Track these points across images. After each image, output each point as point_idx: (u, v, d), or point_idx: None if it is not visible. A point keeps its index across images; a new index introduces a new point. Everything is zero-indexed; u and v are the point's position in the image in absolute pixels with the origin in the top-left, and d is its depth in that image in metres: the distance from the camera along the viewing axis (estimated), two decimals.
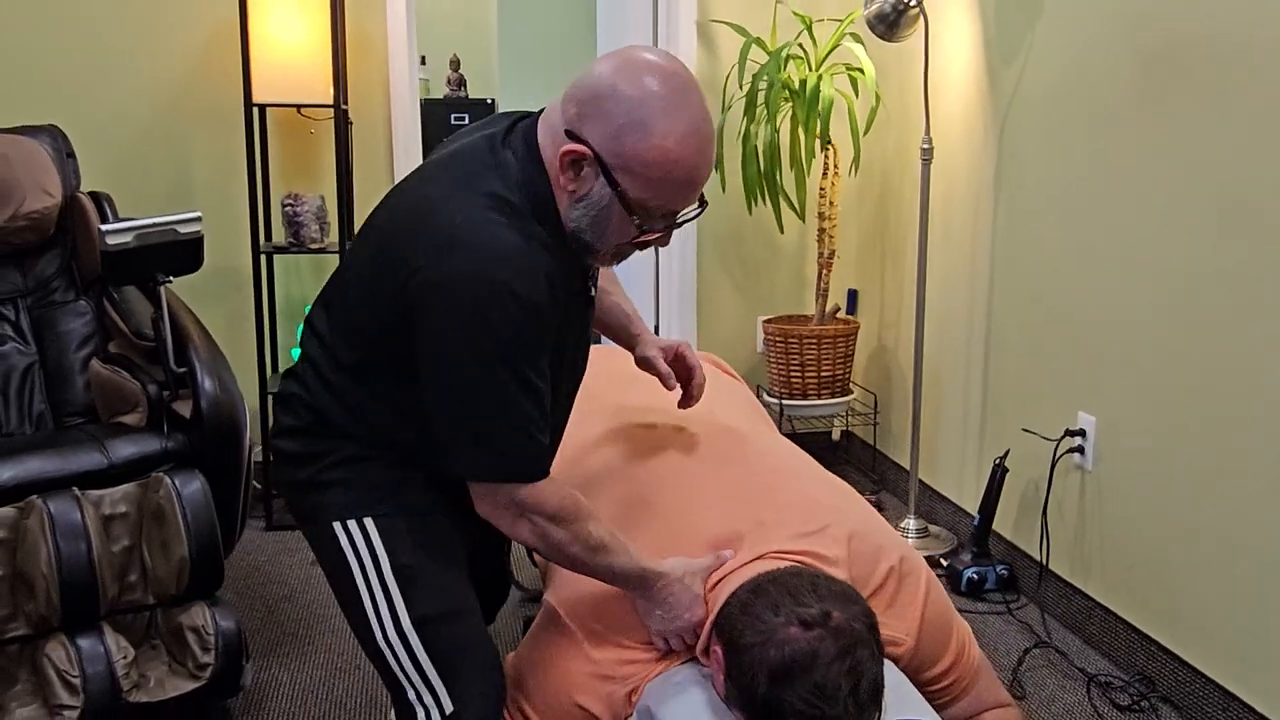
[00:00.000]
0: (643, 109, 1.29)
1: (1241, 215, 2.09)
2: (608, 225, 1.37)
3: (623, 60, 1.32)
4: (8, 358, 2.67)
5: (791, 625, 1.30)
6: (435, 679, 1.45)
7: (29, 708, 2.07)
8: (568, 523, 1.41)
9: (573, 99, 1.34)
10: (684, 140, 1.30)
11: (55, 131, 2.88)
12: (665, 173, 1.31)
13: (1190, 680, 2.27)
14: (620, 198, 1.33)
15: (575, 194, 1.35)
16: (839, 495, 1.72)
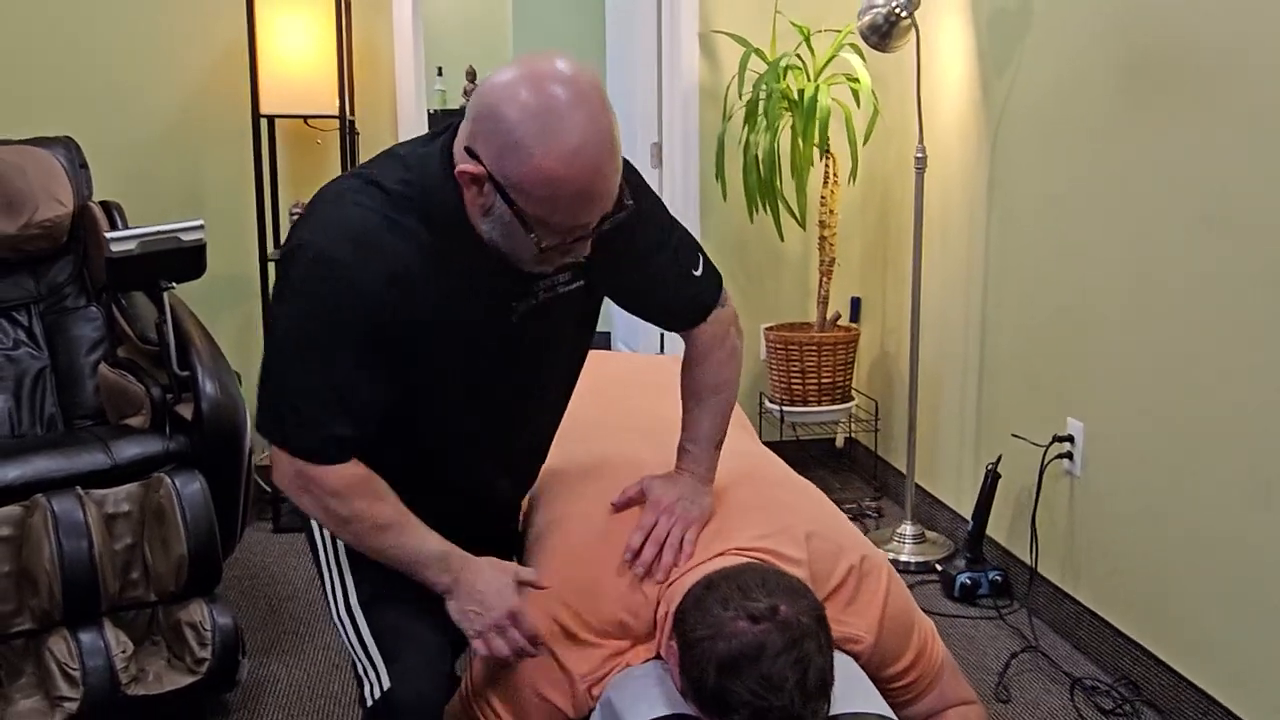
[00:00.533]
0: (520, 129, 1.26)
1: (1225, 220, 2.11)
2: (514, 238, 1.34)
3: (511, 75, 1.29)
4: (20, 361, 2.75)
5: (740, 619, 1.34)
6: (377, 656, 1.51)
7: (32, 699, 2.14)
8: (350, 499, 1.43)
9: (470, 114, 1.32)
10: (565, 159, 1.26)
11: (69, 143, 2.97)
12: (551, 192, 1.28)
13: (1173, 685, 2.28)
14: (518, 215, 1.31)
15: (482, 207, 1.34)
16: (801, 495, 1.75)
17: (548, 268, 1.41)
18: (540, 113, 1.25)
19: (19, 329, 2.79)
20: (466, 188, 1.33)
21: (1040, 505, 2.72)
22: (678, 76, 3.74)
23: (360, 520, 1.45)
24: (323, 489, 1.42)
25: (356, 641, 1.55)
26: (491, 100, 1.28)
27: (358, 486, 1.44)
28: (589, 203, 1.30)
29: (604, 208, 1.33)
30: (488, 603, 1.47)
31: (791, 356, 3.57)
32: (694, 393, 1.67)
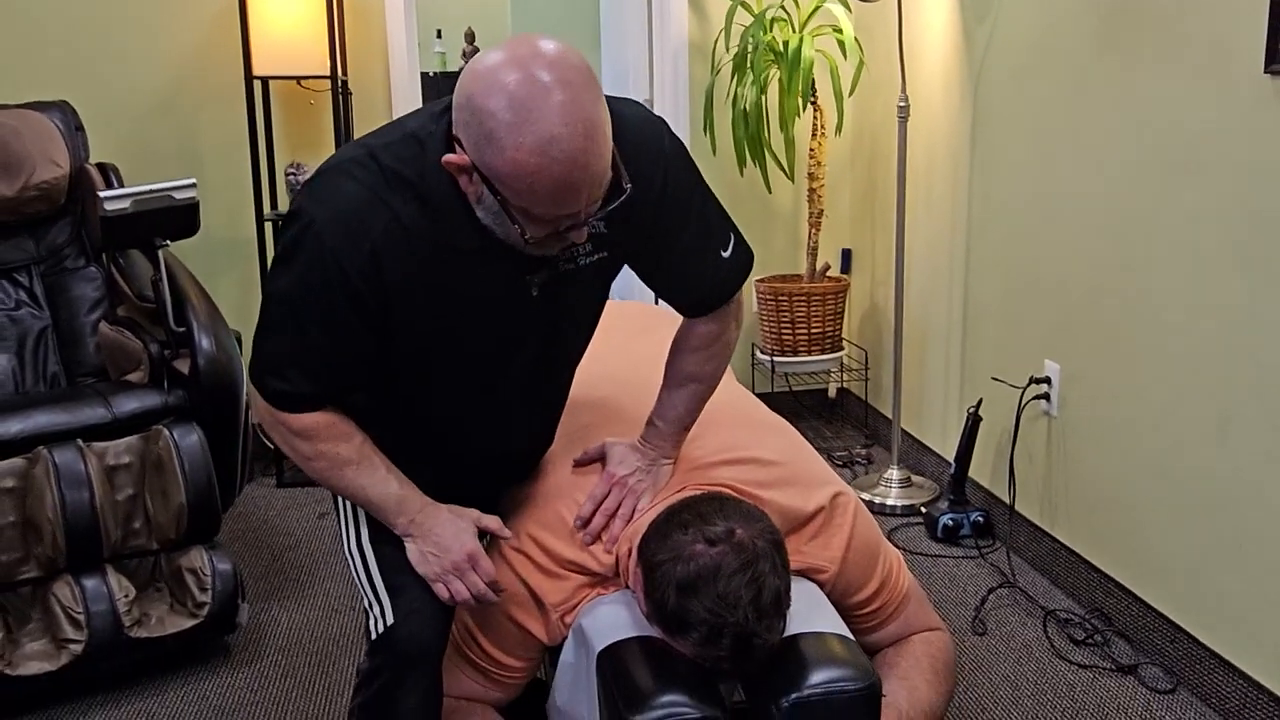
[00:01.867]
0: (493, 120, 1.23)
1: (1193, 164, 2.15)
2: (506, 227, 1.33)
3: (491, 61, 1.26)
4: (22, 321, 2.83)
5: (698, 542, 1.40)
6: (383, 593, 1.57)
7: (39, 642, 2.23)
8: (312, 439, 1.48)
9: (455, 100, 1.31)
10: (537, 151, 1.22)
11: (65, 107, 3.03)
12: (527, 185, 1.25)
13: (1142, 615, 2.34)
14: (503, 206, 1.30)
15: (474, 195, 1.33)
16: (776, 430, 1.81)
17: (549, 251, 1.38)
18: (514, 103, 1.22)
19: (20, 290, 2.87)
20: (457, 175, 1.32)
21: (1018, 446, 2.78)
22: (667, 30, 3.76)
23: (322, 458, 1.50)
24: (289, 428, 1.49)
25: (365, 577, 1.60)
26: (470, 89, 1.26)
27: (323, 429, 1.49)
28: (569, 193, 1.26)
29: (591, 196, 1.29)
30: (445, 544, 1.52)
31: (782, 307, 3.62)
32: (676, 376, 1.68)
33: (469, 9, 6.54)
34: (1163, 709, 2.17)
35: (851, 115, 3.76)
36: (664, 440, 1.67)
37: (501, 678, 1.66)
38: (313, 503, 3.33)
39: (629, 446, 1.68)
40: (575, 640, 1.58)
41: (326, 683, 2.32)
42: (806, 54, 3.29)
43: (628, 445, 1.68)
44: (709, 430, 1.72)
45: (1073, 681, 2.27)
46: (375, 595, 1.57)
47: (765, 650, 1.41)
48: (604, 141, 1.27)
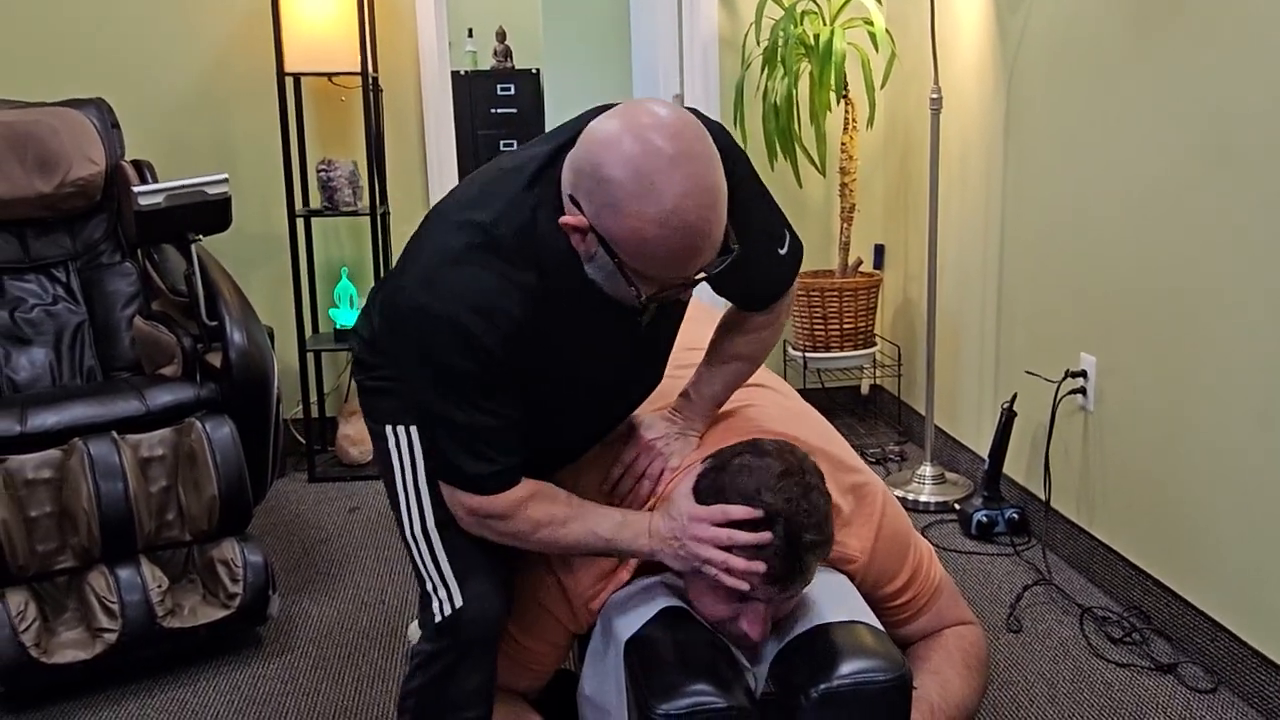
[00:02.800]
0: (618, 189, 1.26)
1: (1232, 150, 2.10)
2: (617, 286, 1.36)
3: (613, 126, 1.29)
4: (59, 316, 2.86)
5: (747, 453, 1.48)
6: (450, 576, 1.59)
7: (75, 631, 2.25)
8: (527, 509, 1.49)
9: (572, 165, 1.34)
10: (661, 222, 1.25)
11: (101, 104, 3.06)
12: (647, 252, 1.28)
13: (1183, 613, 2.30)
14: (619, 267, 1.32)
15: (586, 254, 1.36)
16: (808, 417, 1.80)
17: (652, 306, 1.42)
18: (637, 173, 1.25)
19: (57, 285, 2.90)
20: (570, 234, 1.34)
21: (1054, 441, 2.74)
22: (697, 24, 3.75)
23: (543, 526, 1.50)
24: (494, 514, 1.49)
25: (430, 561, 1.61)
26: (593, 156, 1.29)
27: (527, 496, 1.50)
28: (688, 259, 1.30)
29: (705, 260, 1.32)
30: (673, 531, 1.49)
31: (814, 303, 3.59)
32: (722, 354, 1.70)
33: (501, 8, 6.56)
34: (1203, 708, 2.12)
35: (883, 108, 3.73)
36: (695, 413, 1.69)
37: (531, 665, 1.66)
38: (343, 498, 3.35)
39: (658, 415, 1.69)
40: (603, 629, 1.57)
41: (356, 674, 2.32)
42: (838, 47, 3.26)
43: (656, 415, 1.70)
44: (745, 409, 1.73)
45: (1110, 680, 2.23)
46: (442, 579, 1.59)
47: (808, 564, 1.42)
48: (722, 209, 1.30)
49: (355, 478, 3.50)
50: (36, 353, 2.81)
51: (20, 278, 2.88)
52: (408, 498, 1.64)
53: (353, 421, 3.59)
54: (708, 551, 1.43)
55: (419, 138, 3.66)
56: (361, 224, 3.67)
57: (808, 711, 1.35)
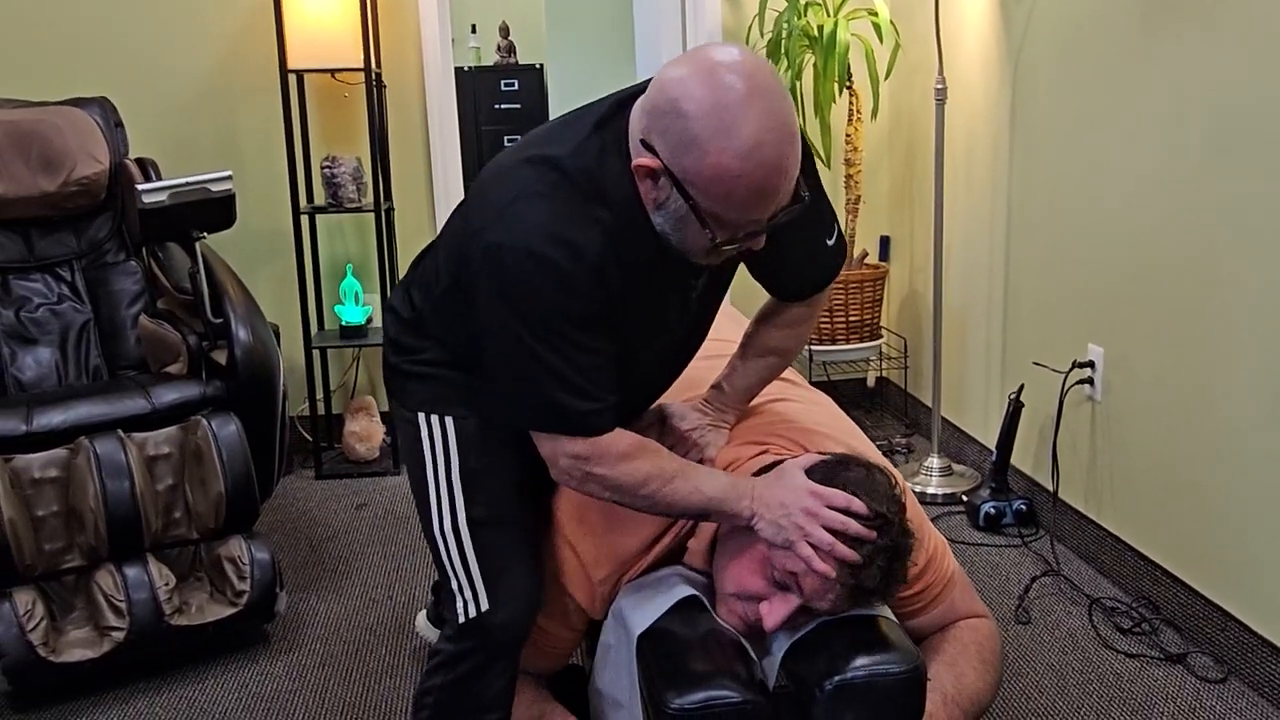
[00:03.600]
0: (698, 125, 1.25)
1: (1237, 141, 2.09)
2: (687, 232, 1.34)
3: (687, 68, 1.27)
4: (64, 315, 2.86)
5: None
6: (478, 577, 1.56)
7: (82, 630, 2.25)
8: (633, 460, 1.42)
9: (643, 107, 1.32)
10: (744, 156, 1.24)
11: (105, 103, 3.06)
12: (728, 189, 1.26)
13: (1192, 603, 2.29)
14: (694, 210, 1.30)
15: (655, 201, 1.34)
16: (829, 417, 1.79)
17: (716, 260, 1.40)
18: (718, 108, 1.24)
19: (62, 284, 2.90)
20: (641, 180, 1.32)
21: (1062, 432, 2.73)
22: (701, 17, 3.74)
23: (652, 479, 1.43)
24: (605, 462, 1.41)
25: (459, 559, 1.57)
26: (669, 95, 1.27)
27: (639, 446, 1.44)
28: (766, 198, 1.28)
29: (781, 202, 1.30)
30: (785, 499, 1.43)
31: None
32: (758, 347, 1.68)
33: (504, 3, 6.55)
34: (1213, 698, 2.12)
35: (888, 99, 3.72)
36: (726, 406, 1.68)
37: (546, 648, 1.65)
38: (350, 495, 3.35)
39: (690, 406, 1.67)
40: (615, 622, 1.56)
41: (364, 671, 2.32)
42: (842, 38, 3.25)
43: (688, 405, 1.67)
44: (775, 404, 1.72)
45: (1120, 671, 2.22)
46: (469, 579, 1.56)
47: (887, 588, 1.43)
48: (798, 149, 1.29)
49: (362, 474, 3.50)
50: (42, 352, 2.81)
51: (25, 277, 2.87)
52: (438, 491, 1.59)
53: (359, 418, 3.58)
54: (815, 528, 1.39)
55: (423, 134, 3.65)
56: (366, 220, 3.66)
57: (821, 704, 1.35)
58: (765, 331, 1.69)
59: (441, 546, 1.59)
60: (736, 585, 1.47)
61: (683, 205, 1.30)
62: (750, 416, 1.72)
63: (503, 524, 1.59)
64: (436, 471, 1.59)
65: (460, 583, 1.57)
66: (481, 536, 1.57)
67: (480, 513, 1.57)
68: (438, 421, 1.59)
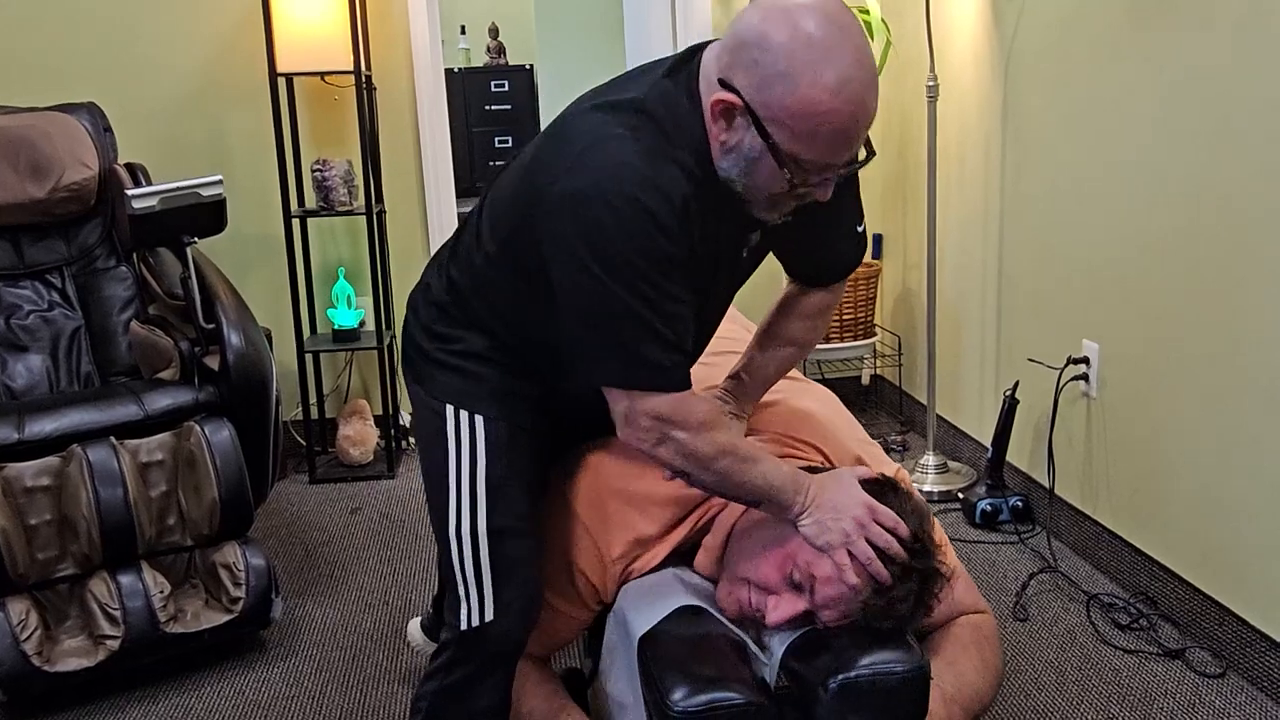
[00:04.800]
0: (790, 58, 1.22)
1: (1230, 134, 2.09)
2: (759, 176, 1.31)
3: (771, 8, 1.26)
4: (55, 322, 2.84)
5: None
6: (488, 585, 1.53)
7: (77, 639, 2.24)
8: (713, 430, 1.37)
9: (725, 45, 1.30)
10: (834, 91, 1.22)
11: (93, 108, 3.04)
12: (815, 125, 1.24)
13: (1189, 598, 2.29)
14: (772, 150, 1.27)
15: (726, 144, 1.31)
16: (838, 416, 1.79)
17: (775, 216, 1.37)
18: (811, 42, 1.22)
19: (53, 290, 2.88)
20: (715, 120, 1.30)
21: (1057, 428, 2.73)
22: (691, 20, 3.73)
23: (727, 454, 1.39)
24: (688, 426, 1.36)
25: (471, 565, 1.53)
26: (755, 30, 1.26)
27: (718, 417, 1.41)
28: (847, 139, 1.27)
29: (856, 148, 1.29)
30: (839, 504, 1.42)
31: None
32: (778, 337, 1.67)
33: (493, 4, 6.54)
34: (1212, 693, 2.12)
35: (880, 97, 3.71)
36: (745, 396, 1.67)
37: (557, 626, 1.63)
38: (345, 499, 3.33)
39: (709, 394, 1.66)
40: (616, 625, 1.56)
41: (361, 677, 2.31)
42: None
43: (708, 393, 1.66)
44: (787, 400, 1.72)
45: (1118, 666, 2.22)
46: (478, 586, 1.53)
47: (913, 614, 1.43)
48: (876, 94, 1.28)
49: (356, 479, 3.48)
50: (33, 359, 2.79)
51: (15, 284, 2.86)
52: (459, 494, 1.53)
53: (353, 422, 3.57)
54: (860, 540, 1.38)
55: (414, 136, 3.64)
56: (357, 223, 3.65)
57: (825, 703, 1.34)
58: (786, 322, 1.67)
59: (454, 550, 1.54)
60: (755, 573, 1.45)
61: (758, 145, 1.28)
62: (764, 410, 1.71)
63: (522, 535, 1.56)
64: (459, 473, 1.53)
65: (468, 588, 1.53)
66: (498, 547, 1.53)
67: (500, 523, 1.53)
68: (467, 419, 1.54)
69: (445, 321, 1.57)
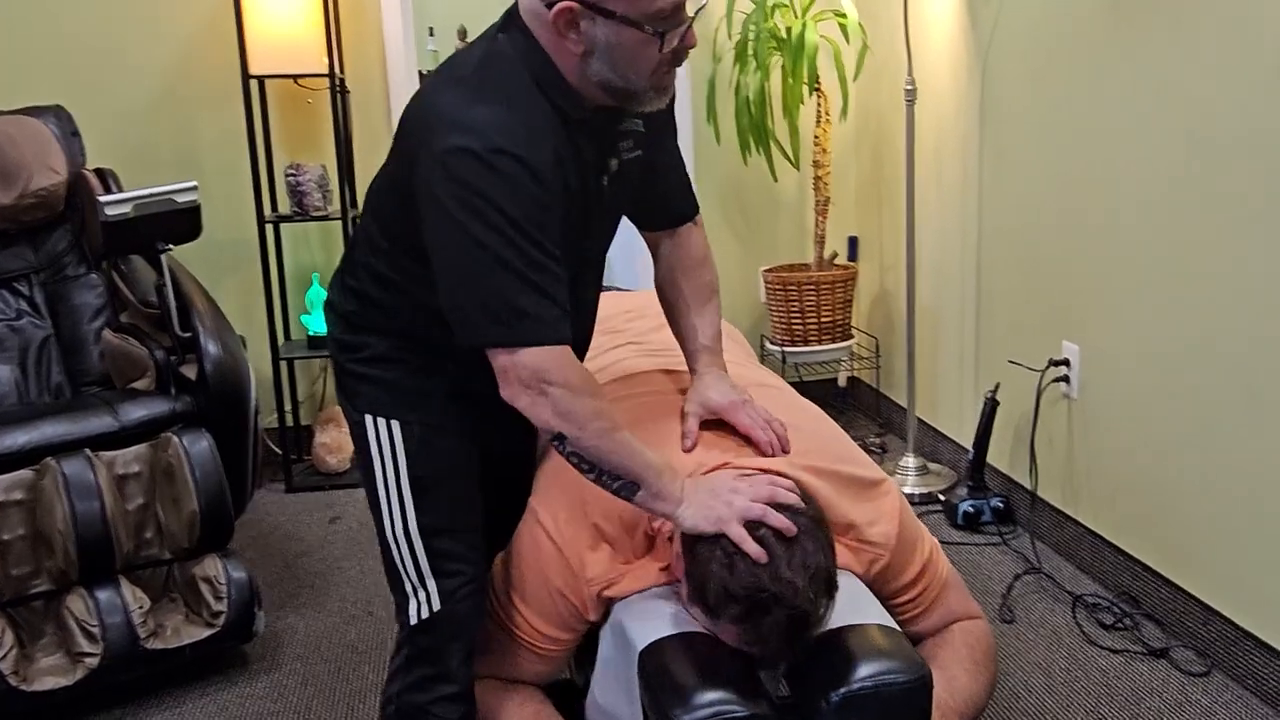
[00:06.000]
0: None
1: (1208, 138, 2.11)
2: (631, 58, 1.37)
3: None
4: (24, 331, 2.78)
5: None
6: (429, 578, 1.58)
7: (53, 657, 2.19)
8: (590, 396, 1.41)
9: None
10: None
11: (60, 111, 2.98)
12: None
13: (1173, 597, 2.31)
14: (625, 21, 1.33)
15: (585, 50, 1.37)
16: (819, 420, 1.78)
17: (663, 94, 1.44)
18: None
19: (21, 299, 2.82)
20: (564, 36, 1.36)
21: (1039, 429, 2.74)
22: None
23: (603, 417, 1.42)
24: (565, 384, 1.39)
25: (410, 563, 1.59)
26: None
27: (593, 384, 1.44)
28: None
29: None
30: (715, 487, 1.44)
31: (790, 297, 3.58)
32: (700, 293, 1.72)
33: (461, 6, 6.48)
34: (1198, 691, 2.14)
35: (854, 99, 3.72)
36: (717, 358, 1.69)
37: (549, 651, 1.63)
38: (323, 508, 3.29)
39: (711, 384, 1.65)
40: (614, 637, 1.54)
41: (348, 690, 2.27)
42: (811, 39, 3.25)
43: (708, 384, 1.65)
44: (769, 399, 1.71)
45: (1105, 667, 2.24)
46: (422, 581, 1.58)
47: (813, 633, 1.38)
48: None
49: (334, 486, 3.44)
50: (2, 370, 2.73)
51: None
52: (389, 499, 1.59)
53: (329, 430, 3.53)
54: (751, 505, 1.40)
55: (387, 136, 3.56)
56: (330, 228, 3.61)
57: (828, 715, 1.33)
58: (692, 275, 1.72)
59: (394, 551, 1.60)
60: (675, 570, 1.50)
61: (611, 27, 1.34)
62: None
63: (455, 531, 1.61)
64: (385, 478, 1.60)
65: (412, 585, 1.59)
66: (431, 543, 1.59)
67: (431, 520, 1.58)
68: (384, 425, 1.59)
69: (349, 330, 1.62)
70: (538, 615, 1.60)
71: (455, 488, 1.62)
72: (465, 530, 1.62)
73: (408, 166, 1.42)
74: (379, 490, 1.61)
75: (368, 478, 1.62)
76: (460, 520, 1.62)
